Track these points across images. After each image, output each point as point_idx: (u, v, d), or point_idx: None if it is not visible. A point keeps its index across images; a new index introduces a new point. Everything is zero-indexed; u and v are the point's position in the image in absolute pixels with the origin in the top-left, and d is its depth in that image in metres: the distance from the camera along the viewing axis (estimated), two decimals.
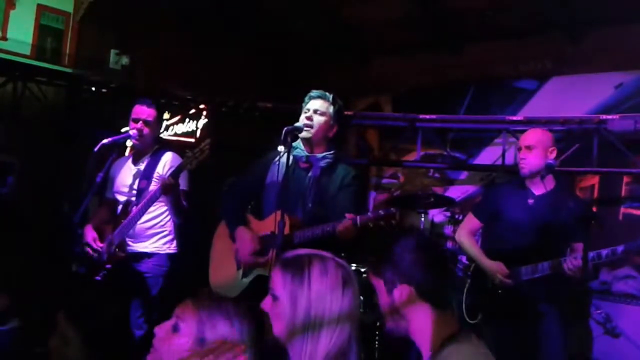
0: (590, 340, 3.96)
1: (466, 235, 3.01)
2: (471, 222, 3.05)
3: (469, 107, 4.90)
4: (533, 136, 2.88)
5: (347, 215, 2.29)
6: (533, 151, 2.80)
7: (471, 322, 2.91)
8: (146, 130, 3.01)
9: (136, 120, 3.00)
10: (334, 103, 2.59)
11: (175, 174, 2.72)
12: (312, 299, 1.24)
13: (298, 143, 2.56)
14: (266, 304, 1.33)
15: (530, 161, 2.80)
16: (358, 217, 2.27)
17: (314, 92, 2.62)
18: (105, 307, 2.86)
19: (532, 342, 2.76)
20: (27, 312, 2.80)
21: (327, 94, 2.61)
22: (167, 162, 3.01)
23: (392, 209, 2.27)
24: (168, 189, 2.73)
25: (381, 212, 2.27)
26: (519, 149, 2.88)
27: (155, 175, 2.98)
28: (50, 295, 3.19)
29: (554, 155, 2.84)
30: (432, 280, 1.36)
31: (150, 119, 3.02)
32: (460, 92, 4.95)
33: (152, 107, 3.04)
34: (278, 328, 1.30)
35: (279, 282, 1.30)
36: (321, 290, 1.25)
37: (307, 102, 2.59)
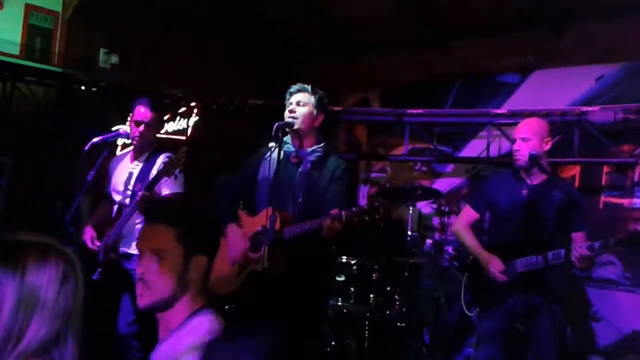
0: (592, 332, 3.99)
1: (463, 227, 2.95)
2: (468, 213, 3.00)
3: (455, 101, 4.98)
4: (528, 127, 2.80)
5: (332, 211, 2.26)
6: (528, 142, 2.74)
7: (470, 314, 2.90)
8: (148, 133, 3.02)
9: (138, 123, 3.00)
10: (314, 93, 2.60)
11: (153, 183, 2.78)
12: (23, 292, 1.15)
13: (288, 138, 2.58)
14: None
15: (526, 152, 2.73)
16: (343, 212, 2.24)
17: (293, 87, 2.62)
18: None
19: (529, 334, 2.75)
20: None
21: (305, 85, 2.61)
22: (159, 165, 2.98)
23: (376, 203, 2.26)
24: (143, 205, 2.77)
25: (365, 207, 2.26)
26: (514, 140, 2.83)
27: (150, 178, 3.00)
28: None
29: (548, 146, 2.77)
30: None
31: (153, 122, 3.04)
32: (446, 87, 5.02)
33: (154, 109, 3.05)
34: None
35: None
36: (36, 283, 1.16)
37: (289, 98, 2.60)
